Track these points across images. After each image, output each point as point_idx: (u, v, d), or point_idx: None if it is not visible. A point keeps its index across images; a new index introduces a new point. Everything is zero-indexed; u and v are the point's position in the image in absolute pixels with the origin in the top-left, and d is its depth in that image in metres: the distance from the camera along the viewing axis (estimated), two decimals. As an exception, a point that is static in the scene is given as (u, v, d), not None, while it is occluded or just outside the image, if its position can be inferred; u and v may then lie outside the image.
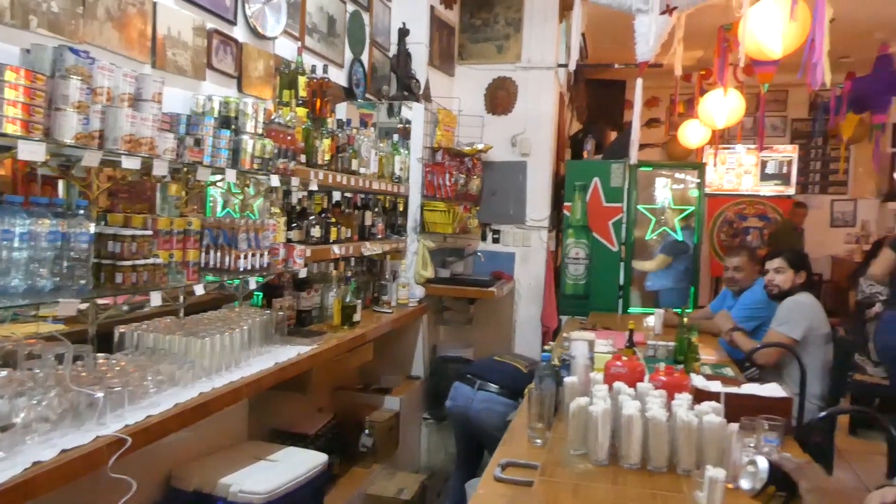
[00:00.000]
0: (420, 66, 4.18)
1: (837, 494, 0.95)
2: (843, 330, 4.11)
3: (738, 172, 8.40)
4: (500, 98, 4.74)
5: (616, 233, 4.86)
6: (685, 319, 2.86)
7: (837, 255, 8.10)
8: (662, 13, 3.31)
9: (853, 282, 5.58)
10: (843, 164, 8.19)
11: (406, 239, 4.09)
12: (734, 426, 1.65)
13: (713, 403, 1.77)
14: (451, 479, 3.51)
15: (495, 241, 4.93)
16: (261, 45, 2.69)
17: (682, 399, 1.80)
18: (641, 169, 4.99)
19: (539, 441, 1.96)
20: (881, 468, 3.50)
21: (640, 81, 3.58)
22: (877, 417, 2.20)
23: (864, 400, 4.26)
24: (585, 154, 5.25)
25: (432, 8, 4.26)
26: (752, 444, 1.69)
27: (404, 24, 4.06)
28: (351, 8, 3.62)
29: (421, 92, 4.15)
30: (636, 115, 3.58)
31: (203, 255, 2.18)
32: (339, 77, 3.56)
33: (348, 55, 3.64)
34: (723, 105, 5.20)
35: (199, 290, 2.08)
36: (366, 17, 3.81)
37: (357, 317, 3.21)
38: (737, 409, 1.86)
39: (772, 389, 2.12)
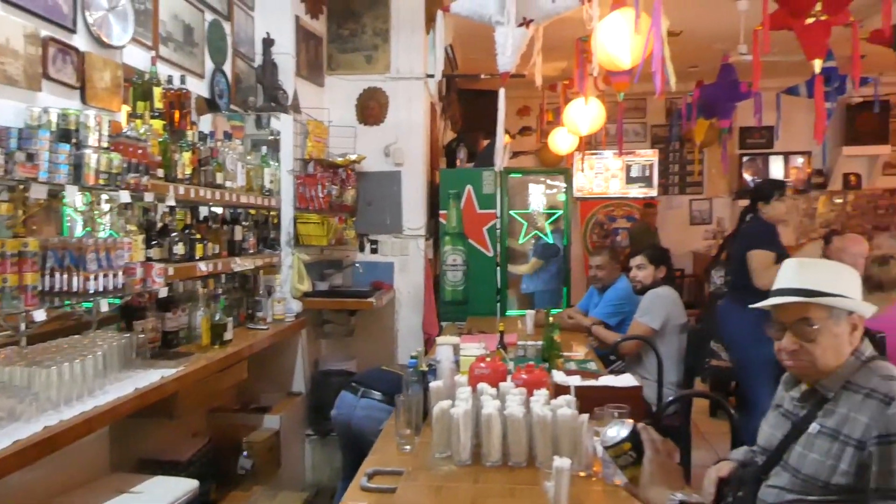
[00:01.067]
0: (287, 76, 4.13)
1: (670, 472, 1.04)
2: (695, 320, 4.45)
3: (606, 177, 8.87)
4: (371, 108, 4.76)
5: (491, 238, 4.99)
6: (551, 319, 2.98)
7: (697, 250, 8.71)
8: (520, 25, 3.45)
9: (707, 275, 6.03)
10: (697, 167, 8.84)
11: (280, 253, 4.01)
12: (584, 417, 1.74)
13: (568, 397, 1.86)
14: (338, 493, 3.47)
15: (373, 251, 4.94)
16: (106, 54, 2.56)
17: (540, 395, 1.88)
18: (511, 176, 5.16)
19: (408, 447, 1.98)
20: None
21: (502, 91, 3.70)
22: (713, 398, 2.39)
23: (720, 384, 4.61)
24: (458, 162, 5.37)
25: (297, 18, 4.21)
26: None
27: (268, 33, 4.00)
28: (210, 16, 3.52)
29: (289, 103, 4.09)
30: (500, 124, 3.70)
31: (47, 277, 2.05)
32: (200, 88, 3.45)
33: (209, 65, 3.53)
34: (585, 113, 5.48)
35: (40, 315, 1.95)
36: (227, 26, 3.72)
37: (228, 335, 3.11)
38: (591, 400, 1.95)
39: (625, 380, 2.25)
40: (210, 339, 3.00)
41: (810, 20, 3.93)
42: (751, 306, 1.73)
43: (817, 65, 4.07)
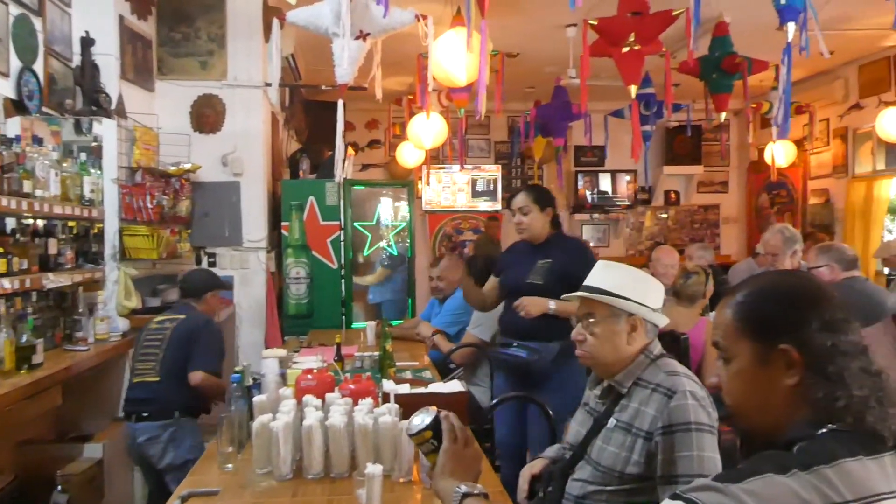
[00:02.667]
0: (111, 79, 3.87)
1: (464, 462, 1.06)
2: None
3: (454, 190, 9.11)
4: (207, 116, 4.57)
5: (335, 250, 4.96)
6: (386, 329, 3.00)
7: (539, 261, 9.17)
8: (357, 38, 3.47)
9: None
10: (537, 182, 9.30)
11: (104, 267, 3.74)
12: (404, 423, 1.77)
13: (392, 405, 1.88)
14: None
15: (211, 264, 4.73)
16: None
17: (364, 404, 1.89)
18: (355, 188, 5.16)
19: (229, 465, 1.91)
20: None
21: (341, 104, 3.70)
22: (532, 400, 2.52)
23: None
24: (301, 174, 5.29)
25: (122, 18, 3.97)
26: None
27: (87, 32, 3.73)
28: (15, 11, 3.22)
29: (113, 107, 3.83)
30: (339, 136, 3.69)
31: None
32: (4, 88, 3.15)
33: (15, 63, 3.23)
34: (428, 128, 5.60)
35: None
36: (37, 22, 3.42)
37: (38, 358, 2.85)
38: (417, 407, 1.98)
39: (452, 386, 2.32)
40: (15, 364, 2.74)
41: (626, 49, 4.29)
42: (563, 297, 1.87)
43: (633, 90, 4.43)
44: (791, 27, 3.18)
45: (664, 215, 9.87)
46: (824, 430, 0.99)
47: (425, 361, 3.41)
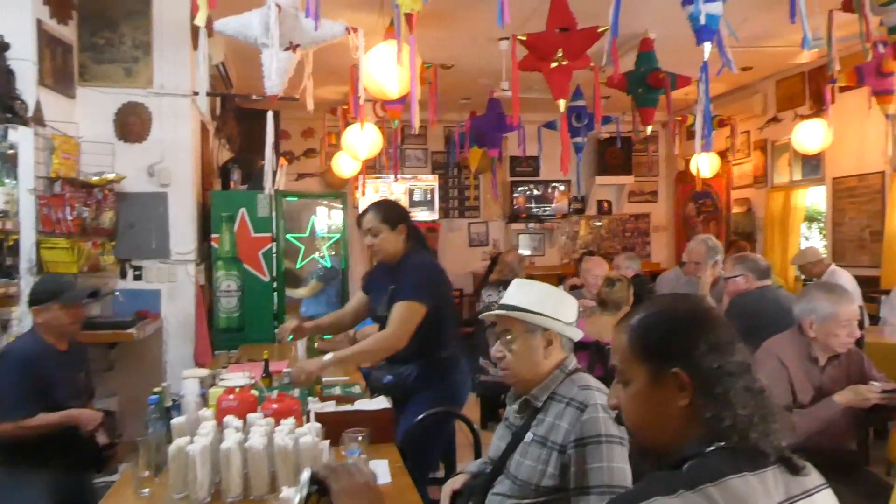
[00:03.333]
0: (28, 85, 3.71)
1: (362, 490, 1.06)
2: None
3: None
4: (132, 125, 4.44)
5: (267, 263, 4.88)
6: (315, 345, 2.98)
7: (476, 271, 9.22)
8: (286, 49, 3.44)
9: (477, 294, 6.42)
10: (473, 192, 9.40)
11: (19, 282, 3.58)
12: (326, 443, 1.76)
13: (314, 424, 1.87)
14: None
15: (137, 278, 4.58)
16: None
17: (286, 424, 1.87)
18: (287, 199, 5.10)
19: (145, 491, 1.86)
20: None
21: (270, 115, 3.66)
22: (457, 415, 2.55)
23: (491, 397, 4.92)
24: (232, 184, 5.19)
25: (40, 21, 3.82)
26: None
27: (2, 36, 3.57)
28: (-79, 15, 3.07)
29: (30, 114, 3.69)
30: (268, 147, 3.66)
31: None
32: None
33: (-81, 69, 3.07)
34: (362, 138, 5.60)
35: None
36: (-56, 25, 3.27)
37: (-57, 379, 2.69)
38: (341, 425, 1.98)
39: (378, 402, 2.31)
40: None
41: (554, 64, 4.40)
42: (480, 315, 1.90)
43: (562, 104, 4.54)
44: (707, 46, 3.31)
45: (599, 224, 10.12)
46: (712, 448, 1.05)
47: (356, 376, 3.39)
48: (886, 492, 1.99)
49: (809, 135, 6.09)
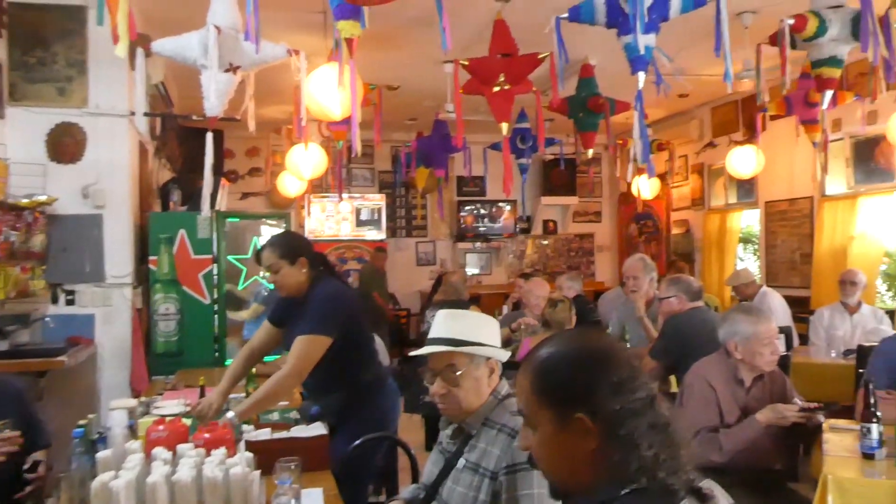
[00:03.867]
0: (-47, 105, 3.58)
1: None
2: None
3: (338, 219, 9.05)
4: (65, 145, 4.31)
5: (207, 285, 4.78)
6: (253, 370, 2.93)
7: (424, 289, 9.23)
8: (227, 71, 3.41)
9: (422, 314, 6.42)
10: (420, 211, 9.44)
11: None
12: (256, 474, 1.73)
13: (245, 454, 1.84)
14: None
15: (70, 302, 4.42)
16: None
17: (217, 455, 1.83)
18: (229, 220, 5.02)
19: (68, 528, 1.79)
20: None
21: (209, 138, 3.60)
22: (394, 439, 2.55)
23: (436, 418, 4.90)
24: (172, 205, 5.08)
25: (-33, 40, 3.70)
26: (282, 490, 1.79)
27: (-75, 55, 3.44)
28: None
29: (-46, 135, 3.55)
30: (207, 169, 3.59)
31: None
32: None
33: None
34: (307, 158, 5.56)
35: None
36: None
37: None
38: (275, 453, 1.95)
39: (314, 429, 2.29)
40: None
41: (496, 89, 4.48)
42: (410, 353, 1.88)
43: (504, 128, 4.63)
44: (641, 76, 3.42)
45: (546, 242, 10.26)
46: (627, 490, 1.05)
47: (297, 400, 3.34)
48: (808, 508, 2.07)
49: (742, 160, 6.33)
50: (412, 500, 1.87)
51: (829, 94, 3.98)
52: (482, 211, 9.72)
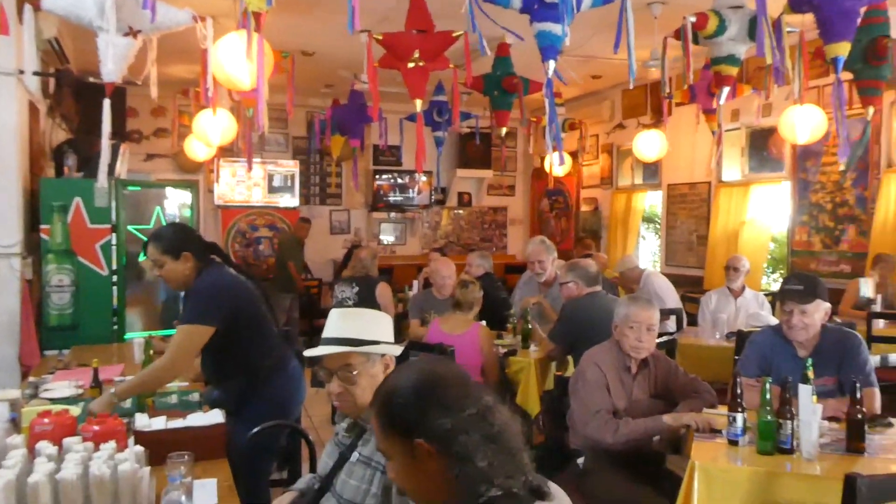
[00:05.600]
0: None
1: None
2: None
3: (249, 185, 8.81)
4: (-55, 104, 3.99)
5: (106, 256, 4.58)
6: (151, 351, 2.86)
7: (337, 258, 9.17)
8: (126, 35, 3.24)
9: (332, 286, 6.40)
10: (334, 179, 9.32)
11: None
12: (146, 470, 1.72)
13: (136, 448, 1.81)
14: None
15: (-50, 272, 4.15)
16: None
17: (105, 449, 1.79)
18: (129, 189, 4.81)
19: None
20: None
21: (107, 103, 3.43)
22: (293, 427, 2.57)
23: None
24: (67, 171, 4.80)
25: None
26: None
27: None
28: None
29: None
30: (105, 136, 3.42)
31: None
32: None
33: None
34: (215, 124, 5.36)
35: None
36: None
37: None
38: (169, 443, 1.93)
39: (211, 417, 2.27)
40: None
41: (411, 65, 4.45)
42: (305, 353, 1.89)
43: (418, 104, 4.61)
44: (551, 65, 3.49)
45: (460, 213, 10.36)
46: (483, 500, 1.13)
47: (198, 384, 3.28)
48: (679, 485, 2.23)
49: (648, 143, 6.58)
50: (306, 491, 1.90)
51: (726, 89, 4.18)
52: (398, 181, 9.69)
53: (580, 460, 2.74)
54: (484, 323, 4.09)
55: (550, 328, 3.96)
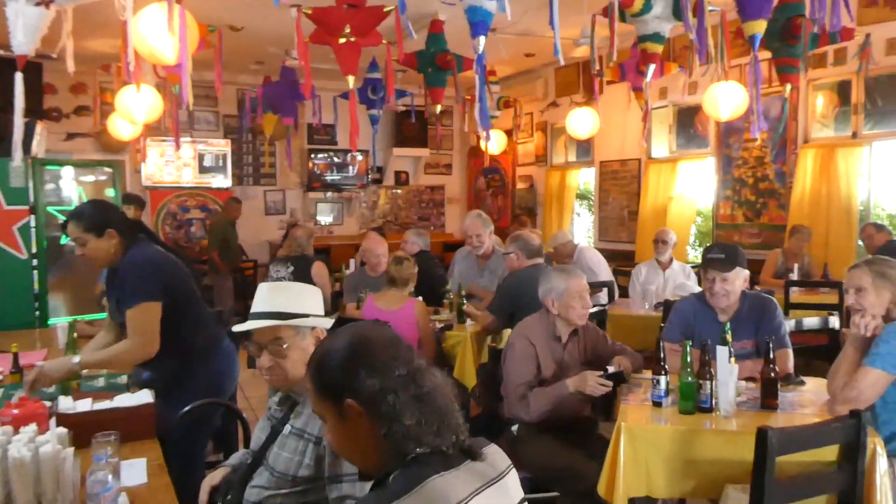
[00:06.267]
0: None
1: None
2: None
3: (178, 165, 8.55)
4: None
5: (24, 239, 4.38)
6: (74, 335, 2.76)
7: (273, 240, 9.02)
8: (37, 4, 3.08)
9: (268, 267, 6.30)
10: (268, 159, 9.13)
11: None
12: (69, 451, 1.67)
13: (59, 430, 1.76)
14: None
15: None
16: None
17: (25, 432, 1.74)
18: (48, 168, 4.60)
19: None
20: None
21: (19, 76, 3.25)
22: (223, 404, 2.54)
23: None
24: (-22, 149, 4.55)
25: None
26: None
27: None
28: None
29: None
30: (18, 114, 3.25)
31: None
32: None
33: None
34: (139, 101, 5.17)
35: None
36: None
37: None
38: (94, 425, 1.88)
39: (139, 397, 2.22)
40: None
41: (343, 40, 4.38)
42: (234, 328, 1.87)
43: (350, 80, 4.55)
44: (481, 41, 3.50)
45: (398, 192, 10.33)
46: (412, 456, 1.17)
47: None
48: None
49: (581, 121, 6.70)
50: (238, 467, 1.88)
51: (652, 67, 4.28)
52: (334, 160, 9.57)
53: (514, 428, 2.80)
54: (420, 298, 4.11)
55: (489, 303, 4.02)
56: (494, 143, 8.15)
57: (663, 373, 2.39)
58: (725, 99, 4.95)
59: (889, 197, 6.77)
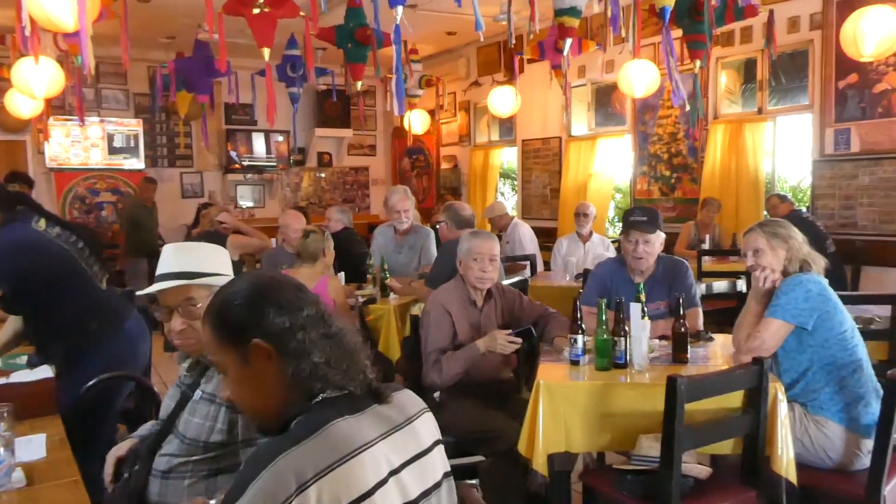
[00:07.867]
0: None
1: None
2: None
3: (86, 146, 8.12)
4: None
5: None
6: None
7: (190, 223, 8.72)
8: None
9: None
10: (183, 139, 8.80)
11: None
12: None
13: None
14: None
15: None
16: None
17: None
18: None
19: None
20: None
21: None
22: (133, 377, 2.43)
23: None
24: None
25: None
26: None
27: None
28: None
29: None
30: None
31: None
32: None
33: None
34: (39, 74, 4.86)
35: None
36: None
37: None
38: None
39: (39, 373, 2.10)
40: None
41: (257, 10, 4.24)
42: (137, 293, 1.78)
43: (266, 52, 4.42)
44: (399, 10, 3.46)
45: (321, 175, 10.15)
46: (318, 400, 1.14)
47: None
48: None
49: (502, 100, 6.74)
50: (147, 437, 1.81)
51: (569, 41, 4.34)
52: (253, 141, 9.30)
53: (436, 395, 2.81)
54: (341, 275, 4.05)
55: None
56: (418, 122, 8.11)
57: (581, 332, 2.44)
58: (639, 77, 5.08)
59: (791, 169, 7.15)
